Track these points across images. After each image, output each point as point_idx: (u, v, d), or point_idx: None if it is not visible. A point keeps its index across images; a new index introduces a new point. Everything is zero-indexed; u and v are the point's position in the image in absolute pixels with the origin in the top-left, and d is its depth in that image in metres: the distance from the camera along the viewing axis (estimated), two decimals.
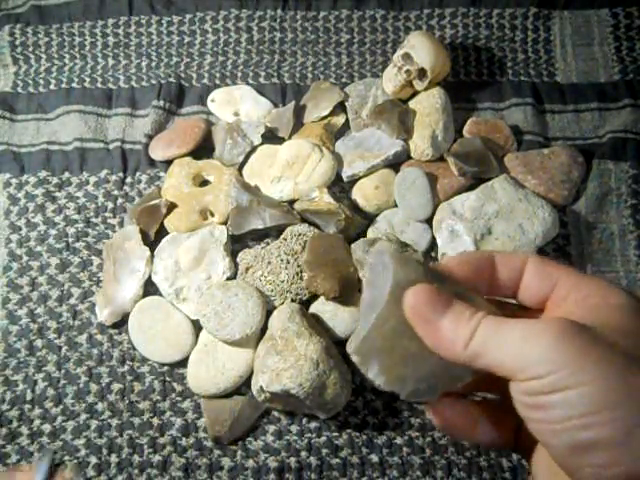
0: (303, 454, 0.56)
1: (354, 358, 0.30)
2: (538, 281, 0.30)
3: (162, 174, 0.68)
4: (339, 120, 0.70)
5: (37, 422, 0.58)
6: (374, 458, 0.55)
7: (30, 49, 0.77)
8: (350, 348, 0.30)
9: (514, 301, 0.32)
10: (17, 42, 0.77)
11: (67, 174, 0.69)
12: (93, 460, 0.56)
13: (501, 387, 0.27)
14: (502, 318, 0.27)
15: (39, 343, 0.61)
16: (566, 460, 0.25)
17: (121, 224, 0.66)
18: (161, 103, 0.72)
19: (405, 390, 0.30)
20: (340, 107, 0.70)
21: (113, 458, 0.56)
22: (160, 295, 0.62)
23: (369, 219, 0.64)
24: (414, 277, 0.29)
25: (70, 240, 0.66)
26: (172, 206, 0.65)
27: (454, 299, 0.28)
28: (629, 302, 0.27)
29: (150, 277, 0.62)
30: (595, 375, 0.24)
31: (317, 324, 0.57)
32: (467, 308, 0.28)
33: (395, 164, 0.66)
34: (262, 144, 0.68)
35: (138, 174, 0.69)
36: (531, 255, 0.31)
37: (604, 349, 0.24)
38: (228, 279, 0.61)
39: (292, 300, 0.59)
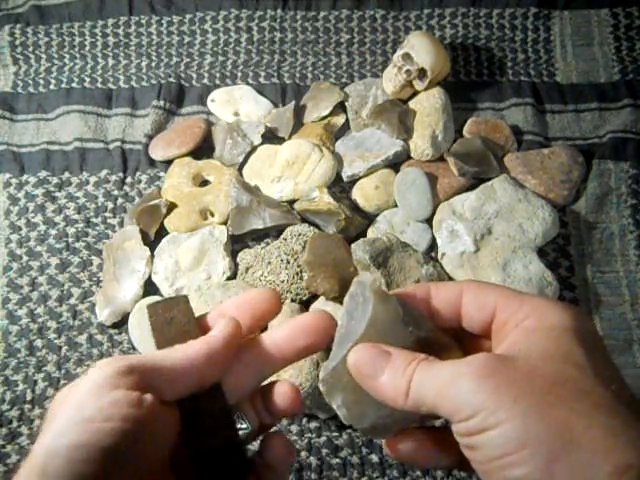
0: (303, 454, 0.56)
1: (321, 387, 0.31)
2: (476, 310, 0.29)
3: (162, 174, 0.68)
4: (339, 120, 0.70)
5: (37, 422, 0.58)
6: (374, 458, 0.55)
7: (30, 49, 0.77)
8: (319, 376, 0.31)
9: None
10: (17, 42, 0.77)
11: (67, 174, 0.69)
12: None
13: None
14: (434, 362, 0.27)
15: (39, 343, 0.61)
16: None
17: (121, 224, 0.66)
18: (161, 103, 0.72)
19: (363, 426, 0.30)
20: (340, 107, 0.70)
21: None
22: (160, 295, 0.62)
23: (369, 219, 0.64)
24: (392, 316, 0.29)
25: (70, 240, 0.66)
26: (172, 206, 0.65)
27: (393, 350, 0.28)
28: (563, 323, 0.26)
29: (150, 277, 0.62)
30: (512, 413, 0.24)
31: None
32: (403, 359, 0.28)
33: (395, 164, 0.66)
34: (262, 144, 0.68)
35: (138, 174, 0.69)
36: (467, 282, 0.31)
37: (522, 384, 0.24)
38: (228, 279, 0.61)
39: (292, 300, 0.59)
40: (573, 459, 0.23)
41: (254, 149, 0.68)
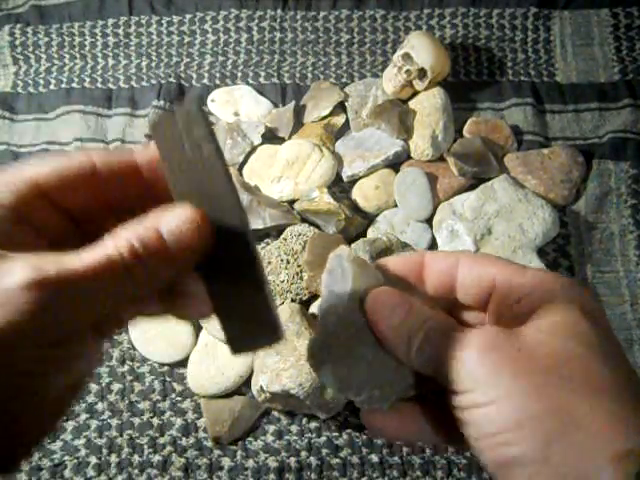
0: (303, 454, 0.56)
1: (309, 362, 0.29)
2: (474, 282, 0.28)
3: None
4: (339, 120, 0.70)
5: None
6: (374, 458, 0.55)
7: (30, 49, 0.77)
8: (307, 353, 0.30)
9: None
10: (17, 42, 0.77)
11: None
12: (93, 460, 0.56)
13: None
14: (445, 325, 0.26)
15: None
16: (496, 476, 0.24)
17: None
18: (161, 103, 0.72)
19: (359, 396, 0.29)
20: (340, 107, 0.70)
21: (113, 458, 0.56)
22: None
23: (369, 219, 0.64)
24: (373, 283, 0.29)
25: None
26: None
27: (415, 303, 0.28)
28: (570, 298, 0.26)
29: None
30: (511, 390, 0.23)
31: None
32: (422, 313, 0.27)
33: (395, 164, 0.66)
34: (262, 144, 0.68)
35: None
36: (463, 254, 0.29)
37: (525, 361, 0.24)
38: None
39: (292, 300, 0.59)
40: (571, 441, 0.22)
41: (254, 149, 0.68)
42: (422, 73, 0.67)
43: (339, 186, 0.67)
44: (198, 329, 0.60)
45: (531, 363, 0.24)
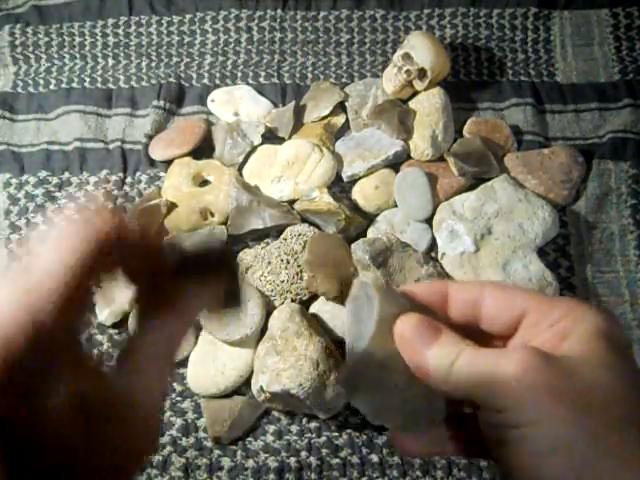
0: (303, 454, 0.56)
1: (343, 390, 0.30)
2: (503, 311, 0.29)
3: (162, 174, 0.68)
4: (339, 120, 0.70)
5: None
6: (374, 458, 0.55)
7: (30, 49, 0.77)
8: (339, 380, 0.30)
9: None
10: (17, 42, 0.77)
11: (67, 174, 0.69)
12: None
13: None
14: (477, 349, 0.27)
15: None
16: None
17: None
18: (161, 103, 0.72)
19: (393, 423, 0.30)
20: (340, 107, 0.70)
21: None
22: None
23: (369, 219, 0.64)
24: (400, 310, 0.29)
25: None
26: (172, 206, 0.65)
27: (443, 328, 0.28)
28: (598, 328, 0.26)
29: None
30: (547, 415, 0.23)
31: (317, 324, 0.57)
32: (452, 339, 0.27)
33: (395, 164, 0.66)
34: (262, 144, 0.68)
35: (138, 174, 0.69)
36: (488, 285, 0.30)
37: (560, 385, 0.24)
38: None
39: (292, 300, 0.59)
40: (602, 469, 0.23)
41: (254, 149, 0.68)
42: (422, 73, 0.67)
43: (339, 186, 0.67)
44: (198, 329, 0.60)
45: (565, 387, 0.24)
